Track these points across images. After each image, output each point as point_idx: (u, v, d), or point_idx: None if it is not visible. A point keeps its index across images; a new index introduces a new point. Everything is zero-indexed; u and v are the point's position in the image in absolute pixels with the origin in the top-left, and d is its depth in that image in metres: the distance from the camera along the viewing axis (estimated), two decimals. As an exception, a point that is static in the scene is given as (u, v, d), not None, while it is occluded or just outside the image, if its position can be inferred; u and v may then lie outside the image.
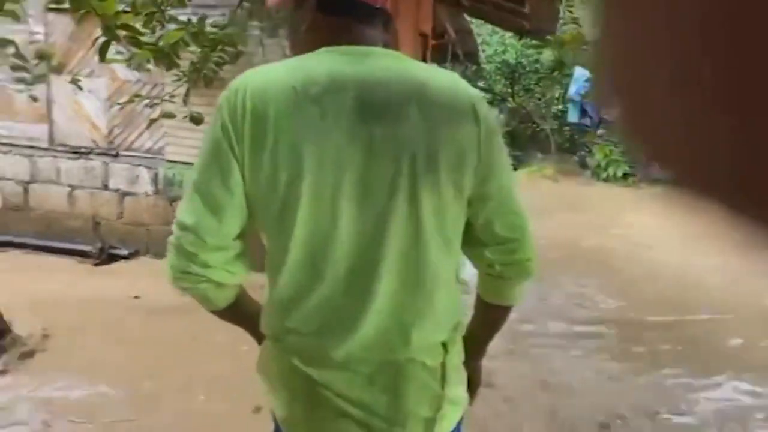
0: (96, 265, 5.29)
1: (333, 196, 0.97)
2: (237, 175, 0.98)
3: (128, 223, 5.51)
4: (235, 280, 1.07)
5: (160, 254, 5.38)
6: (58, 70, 5.41)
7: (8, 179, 5.79)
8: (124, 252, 5.42)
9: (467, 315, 1.19)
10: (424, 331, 1.02)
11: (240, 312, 1.15)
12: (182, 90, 4.45)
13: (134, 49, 3.03)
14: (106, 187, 5.53)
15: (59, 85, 5.40)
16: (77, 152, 5.55)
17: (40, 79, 3.40)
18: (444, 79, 1.03)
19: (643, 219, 7.08)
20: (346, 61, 0.99)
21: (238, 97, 0.96)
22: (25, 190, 5.77)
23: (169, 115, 3.48)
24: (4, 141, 5.72)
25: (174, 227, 1.03)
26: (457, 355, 1.11)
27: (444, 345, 1.06)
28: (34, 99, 3.42)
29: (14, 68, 3.79)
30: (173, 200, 5.26)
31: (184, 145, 4.99)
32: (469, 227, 1.08)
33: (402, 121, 0.96)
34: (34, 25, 5.31)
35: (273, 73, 0.99)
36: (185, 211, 1.01)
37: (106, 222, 5.48)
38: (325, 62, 0.99)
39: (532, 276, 1.14)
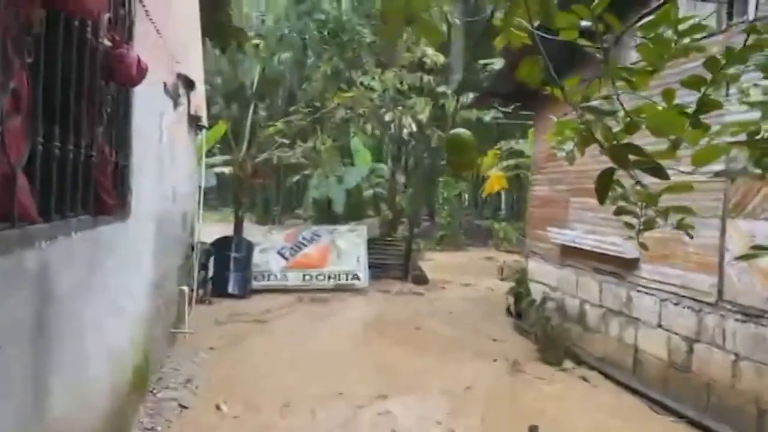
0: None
1: None
2: None
3: (803, 422, 3.91)
4: None
5: None
6: (733, 212, 4.51)
7: (675, 333, 5.17)
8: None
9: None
10: None
11: None
12: None
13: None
14: (776, 366, 4.13)
15: (735, 229, 4.49)
16: (746, 314, 4.41)
17: (648, 225, 2.76)
18: None
19: None
20: None
21: None
22: (689, 349, 4.99)
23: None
24: (674, 290, 5.17)
25: None
26: None
27: None
28: (645, 247, 2.77)
29: (618, 213, 3.22)
30: None
31: None
32: None
33: None
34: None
35: None
36: None
37: (773, 412, 4.05)
38: None
39: None
